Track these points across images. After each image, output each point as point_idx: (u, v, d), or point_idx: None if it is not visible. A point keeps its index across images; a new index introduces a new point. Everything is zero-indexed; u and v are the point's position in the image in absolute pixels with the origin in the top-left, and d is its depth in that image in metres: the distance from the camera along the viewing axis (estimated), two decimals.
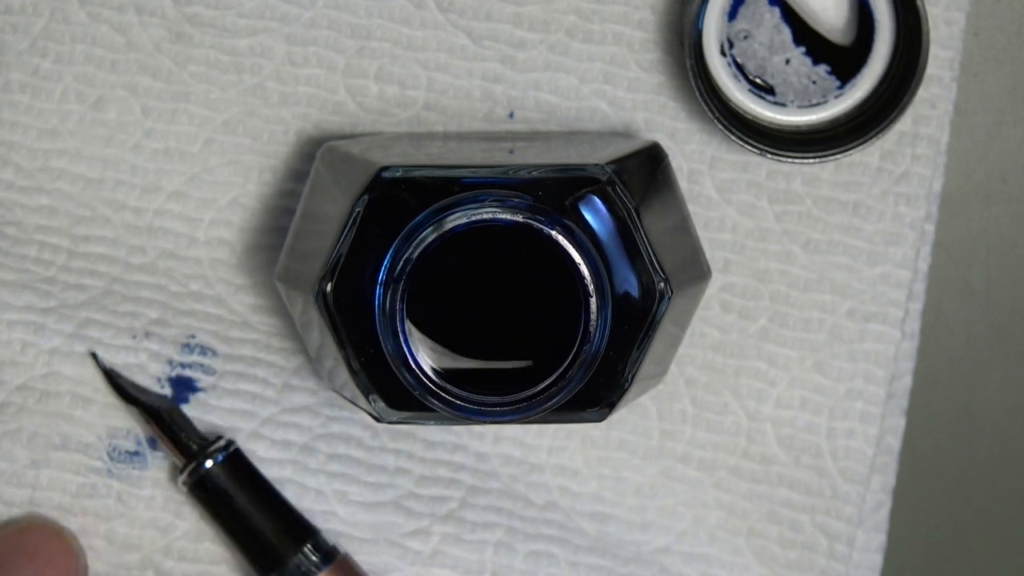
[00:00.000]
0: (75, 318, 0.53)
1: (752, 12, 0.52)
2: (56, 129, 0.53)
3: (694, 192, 0.54)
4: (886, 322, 0.54)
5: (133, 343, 0.53)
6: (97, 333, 0.53)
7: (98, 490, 0.53)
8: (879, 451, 0.55)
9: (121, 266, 0.53)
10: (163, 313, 0.53)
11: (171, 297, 0.54)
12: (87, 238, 0.53)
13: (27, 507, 0.53)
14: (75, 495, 0.53)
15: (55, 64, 0.53)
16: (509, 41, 0.53)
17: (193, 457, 0.52)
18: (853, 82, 0.53)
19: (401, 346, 0.45)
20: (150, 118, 0.53)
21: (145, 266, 0.54)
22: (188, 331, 0.53)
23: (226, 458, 0.52)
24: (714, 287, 0.54)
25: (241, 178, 0.54)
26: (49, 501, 0.53)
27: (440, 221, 0.45)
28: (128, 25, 0.53)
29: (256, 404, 0.53)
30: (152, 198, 0.53)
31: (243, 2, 0.53)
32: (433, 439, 0.54)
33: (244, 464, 0.53)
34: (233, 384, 0.53)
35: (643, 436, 0.55)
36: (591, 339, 0.45)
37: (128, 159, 0.53)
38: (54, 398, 0.53)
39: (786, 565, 0.55)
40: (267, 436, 0.53)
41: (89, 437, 0.53)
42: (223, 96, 0.53)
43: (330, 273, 0.46)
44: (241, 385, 0.53)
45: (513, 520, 0.54)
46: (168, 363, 0.53)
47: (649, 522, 0.55)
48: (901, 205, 0.54)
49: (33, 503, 0.53)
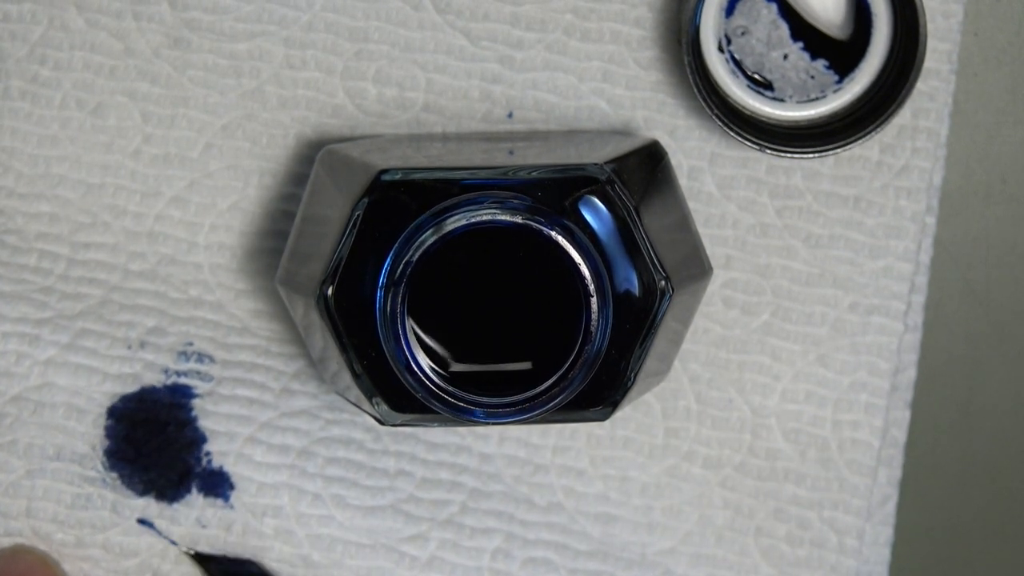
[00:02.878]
0: (71, 328, 0.53)
1: (749, 8, 0.52)
2: (56, 136, 0.53)
3: (694, 189, 0.54)
4: (889, 315, 0.54)
5: (128, 353, 0.53)
6: (92, 343, 0.53)
7: (92, 501, 0.53)
8: (884, 444, 0.55)
9: (120, 273, 0.54)
10: (160, 321, 0.53)
11: (170, 304, 0.54)
12: (87, 245, 0.53)
13: (23, 518, 0.53)
14: (70, 506, 0.53)
15: (54, 71, 0.53)
16: (507, 41, 0.53)
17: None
18: (851, 76, 0.53)
19: (403, 349, 0.45)
20: (150, 123, 0.53)
21: (145, 272, 0.54)
22: (186, 339, 0.53)
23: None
24: (716, 283, 0.54)
25: (241, 182, 0.54)
26: (44, 512, 0.53)
27: (440, 223, 0.45)
28: (126, 31, 0.53)
29: (254, 409, 0.53)
30: (152, 203, 0.54)
31: (240, 6, 0.53)
32: (436, 441, 0.54)
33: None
34: (231, 390, 0.53)
35: (648, 434, 0.55)
36: (592, 339, 0.45)
37: (128, 164, 0.53)
38: (48, 409, 0.53)
39: (795, 563, 0.55)
40: (264, 440, 0.53)
41: (84, 448, 0.53)
42: (222, 100, 0.53)
43: (331, 276, 0.46)
44: (239, 391, 0.53)
45: (513, 525, 0.54)
46: (164, 372, 0.53)
47: (655, 523, 0.55)
48: (902, 198, 0.54)
49: (29, 514, 0.53)
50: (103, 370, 0.53)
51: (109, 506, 0.53)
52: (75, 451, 0.53)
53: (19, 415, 0.53)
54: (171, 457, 0.53)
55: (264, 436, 0.53)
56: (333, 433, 0.54)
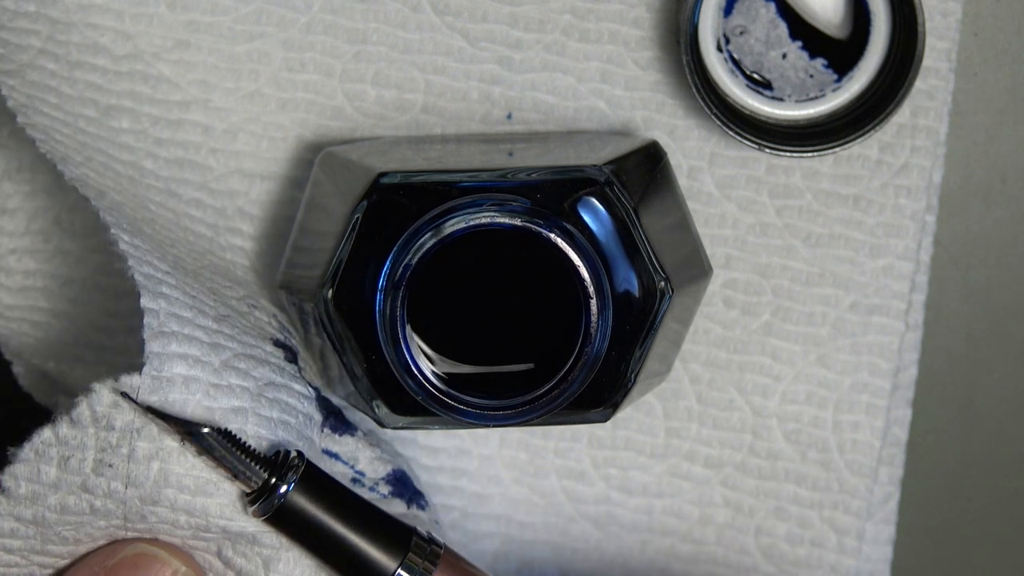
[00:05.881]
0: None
1: (748, 7, 0.52)
2: (84, 130, 0.53)
3: (694, 189, 0.54)
4: (889, 314, 0.54)
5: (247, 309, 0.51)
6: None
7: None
8: (886, 443, 0.55)
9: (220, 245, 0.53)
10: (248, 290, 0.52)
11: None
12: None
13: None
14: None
15: (66, 72, 0.52)
16: (505, 42, 0.53)
17: (263, 486, 0.46)
18: (850, 75, 0.52)
19: (402, 352, 0.45)
20: (156, 127, 0.53)
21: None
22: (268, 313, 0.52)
23: (300, 478, 0.46)
24: (716, 283, 0.54)
25: (245, 186, 0.53)
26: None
27: (439, 226, 0.45)
28: (126, 34, 0.53)
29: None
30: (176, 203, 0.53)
31: (239, 7, 0.53)
32: (437, 444, 0.54)
33: (320, 478, 0.47)
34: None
35: (649, 434, 0.55)
36: (592, 340, 0.45)
37: (147, 166, 0.53)
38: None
39: (795, 563, 0.55)
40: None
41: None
42: (222, 104, 0.53)
43: (330, 280, 0.46)
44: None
45: (512, 528, 0.54)
46: (278, 329, 0.51)
47: (656, 522, 0.55)
48: (901, 197, 0.54)
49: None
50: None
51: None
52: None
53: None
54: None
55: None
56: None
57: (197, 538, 0.46)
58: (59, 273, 0.55)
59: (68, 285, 0.55)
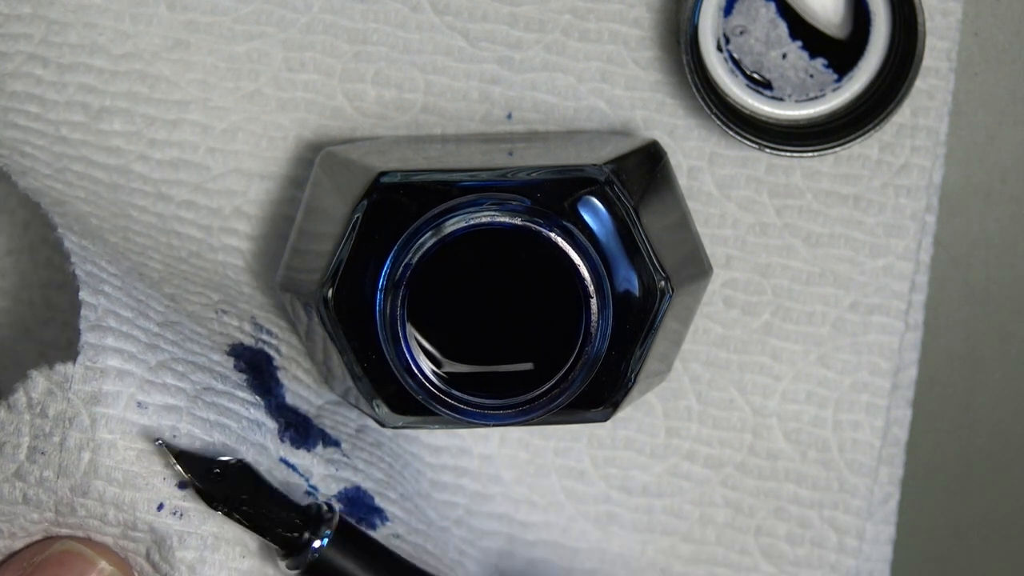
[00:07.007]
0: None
1: (748, 7, 0.52)
2: (66, 138, 0.53)
3: (694, 189, 0.54)
4: (889, 314, 0.54)
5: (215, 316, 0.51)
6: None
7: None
8: (886, 443, 0.55)
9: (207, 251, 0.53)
10: (226, 294, 0.52)
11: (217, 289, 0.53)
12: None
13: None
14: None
15: (56, 76, 0.53)
16: (505, 42, 0.53)
17: (295, 543, 0.46)
18: (850, 75, 0.52)
19: (403, 351, 0.45)
20: (151, 128, 0.53)
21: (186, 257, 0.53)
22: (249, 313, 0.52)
23: (335, 532, 0.47)
24: (716, 283, 0.54)
25: (243, 186, 0.53)
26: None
27: (439, 225, 0.45)
28: (125, 35, 0.53)
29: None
30: (164, 206, 0.53)
31: (239, 7, 0.53)
32: (439, 443, 0.54)
33: (353, 533, 0.48)
34: (295, 368, 0.52)
35: (649, 434, 0.55)
36: (593, 340, 0.45)
37: (137, 169, 0.53)
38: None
39: (795, 563, 0.55)
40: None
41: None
42: (222, 104, 0.53)
43: (331, 279, 0.46)
44: (299, 373, 0.52)
45: (514, 527, 0.54)
46: (249, 334, 0.51)
47: (655, 522, 0.55)
48: (902, 197, 0.54)
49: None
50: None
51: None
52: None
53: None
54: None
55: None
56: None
57: (126, 537, 0.47)
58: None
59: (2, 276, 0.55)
